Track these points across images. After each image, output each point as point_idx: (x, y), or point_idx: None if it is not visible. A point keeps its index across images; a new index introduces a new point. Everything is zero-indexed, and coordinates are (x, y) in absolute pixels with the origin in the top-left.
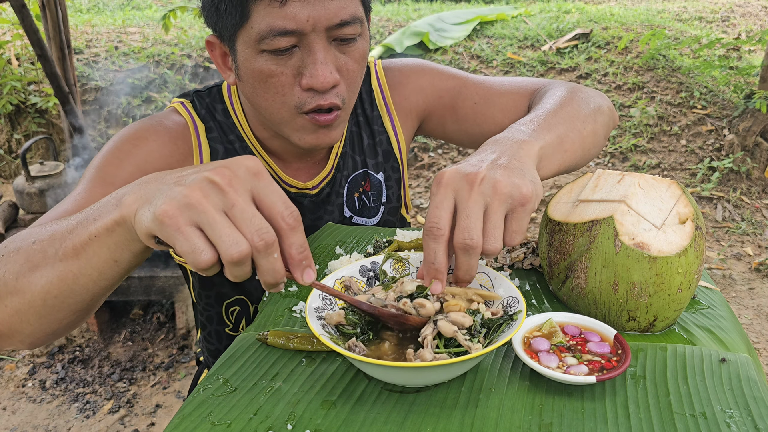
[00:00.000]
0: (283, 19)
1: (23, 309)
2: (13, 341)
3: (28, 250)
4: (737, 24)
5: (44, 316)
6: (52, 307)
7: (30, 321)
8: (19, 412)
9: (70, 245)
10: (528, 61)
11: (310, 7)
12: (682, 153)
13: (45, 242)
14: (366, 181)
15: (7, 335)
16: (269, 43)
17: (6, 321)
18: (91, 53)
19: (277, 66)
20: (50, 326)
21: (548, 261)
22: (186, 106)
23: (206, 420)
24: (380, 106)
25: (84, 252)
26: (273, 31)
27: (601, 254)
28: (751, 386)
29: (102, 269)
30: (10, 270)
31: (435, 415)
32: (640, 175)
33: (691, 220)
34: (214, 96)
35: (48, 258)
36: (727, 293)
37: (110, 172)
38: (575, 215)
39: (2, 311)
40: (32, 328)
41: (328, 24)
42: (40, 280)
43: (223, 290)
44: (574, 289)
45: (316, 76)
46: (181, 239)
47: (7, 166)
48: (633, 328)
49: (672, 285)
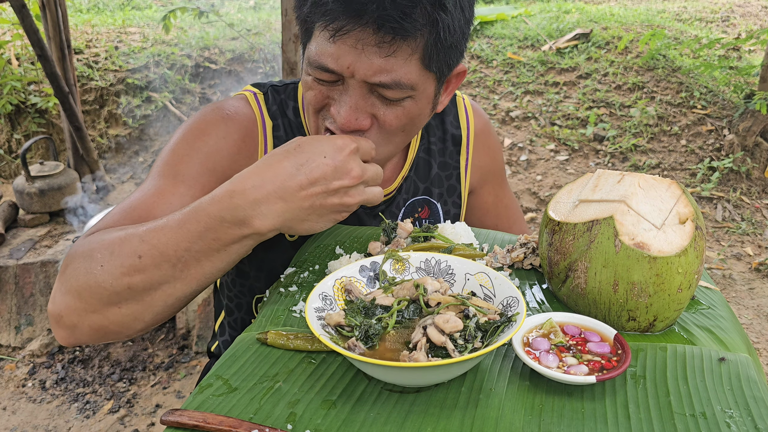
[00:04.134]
0: (328, 56)
1: (141, 311)
2: (118, 336)
3: (146, 261)
4: (737, 24)
5: (160, 314)
6: (171, 306)
7: (145, 320)
8: (19, 412)
9: (192, 258)
10: (528, 61)
11: (354, 56)
12: (682, 153)
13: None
14: (424, 208)
15: (115, 332)
16: (314, 70)
17: (119, 321)
18: (91, 53)
19: (318, 86)
20: (160, 320)
21: (548, 261)
22: (258, 99)
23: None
24: (462, 144)
25: (208, 259)
26: (317, 64)
27: (601, 254)
28: (751, 386)
29: (223, 269)
30: (134, 279)
31: (435, 415)
32: (640, 175)
33: (691, 220)
34: (289, 93)
35: (166, 270)
36: (727, 293)
37: (180, 170)
38: (575, 215)
39: (117, 314)
40: (143, 325)
41: (365, 79)
42: (167, 289)
43: (257, 284)
44: (574, 289)
45: (340, 116)
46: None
47: (7, 166)
48: (633, 328)
49: (672, 285)
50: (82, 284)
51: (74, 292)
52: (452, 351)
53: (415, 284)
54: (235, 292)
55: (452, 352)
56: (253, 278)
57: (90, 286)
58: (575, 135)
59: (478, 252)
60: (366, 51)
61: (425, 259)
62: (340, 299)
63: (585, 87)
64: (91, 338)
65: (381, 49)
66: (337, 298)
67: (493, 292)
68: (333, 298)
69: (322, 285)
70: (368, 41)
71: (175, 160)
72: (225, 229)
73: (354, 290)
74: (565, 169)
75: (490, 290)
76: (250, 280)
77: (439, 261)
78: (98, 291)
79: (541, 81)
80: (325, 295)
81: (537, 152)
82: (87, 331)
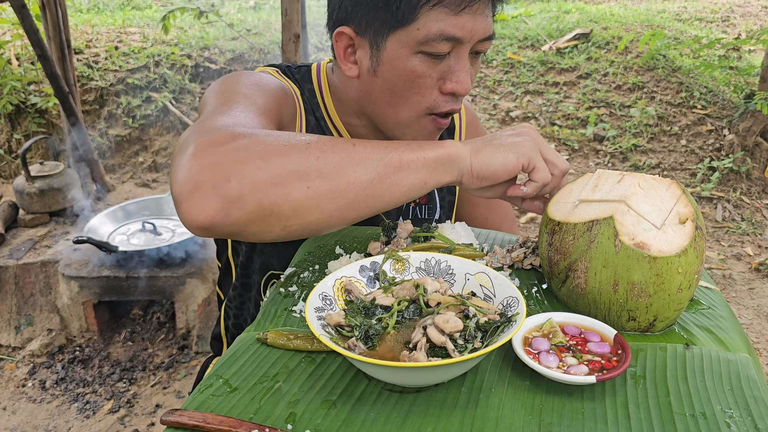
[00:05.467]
0: (453, 27)
1: (326, 195)
2: (277, 226)
3: (347, 148)
4: (737, 24)
5: (341, 208)
6: (355, 202)
7: (323, 209)
8: (19, 412)
9: (396, 158)
10: (528, 61)
11: (474, 21)
12: (682, 153)
13: (366, 146)
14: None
15: (284, 216)
16: (433, 45)
17: (299, 201)
18: (91, 53)
19: (428, 68)
20: (334, 220)
21: (548, 261)
22: (280, 73)
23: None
24: (456, 134)
25: (408, 167)
26: (442, 36)
27: (601, 254)
28: (751, 386)
29: (412, 185)
30: (329, 159)
31: (435, 415)
32: (640, 175)
33: (691, 220)
34: (303, 75)
35: (371, 161)
36: (727, 293)
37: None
38: (575, 215)
39: (301, 192)
40: (317, 217)
41: (481, 37)
42: (362, 175)
43: (271, 260)
44: (574, 289)
45: (461, 83)
46: (538, 160)
47: (7, 166)
48: (633, 328)
49: (672, 285)
50: (275, 152)
51: (261, 161)
52: (452, 351)
53: (415, 284)
54: (248, 271)
55: (452, 352)
56: (267, 254)
57: (289, 156)
58: (575, 135)
59: (478, 252)
60: (481, 15)
61: (425, 259)
62: (340, 299)
63: (585, 87)
64: (247, 217)
65: (488, 8)
66: (337, 298)
67: (493, 292)
68: (333, 298)
69: (322, 285)
70: (483, 6)
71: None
72: (420, 146)
73: (354, 290)
74: None
75: (490, 290)
76: (264, 256)
77: (439, 261)
78: (298, 162)
79: (541, 81)
80: (325, 295)
81: None
82: (251, 206)
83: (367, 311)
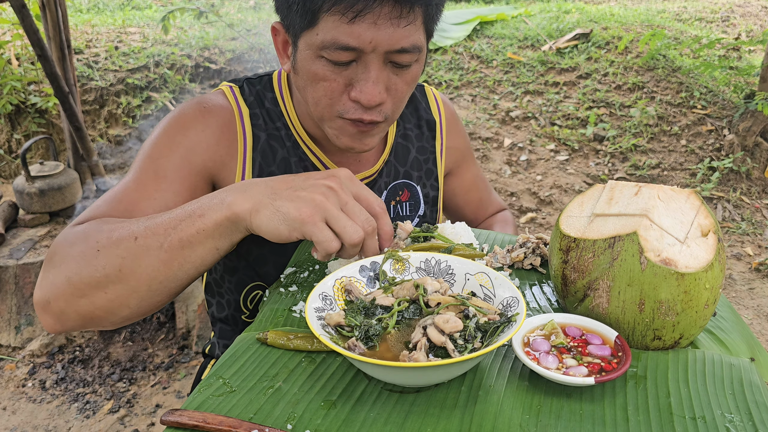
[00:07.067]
0: (348, 35)
1: (125, 295)
2: (104, 323)
3: (130, 244)
4: (737, 24)
5: (145, 299)
6: (155, 291)
7: (130, 305)
8: (19, 412)
9: (176, 238)
10: (528, 61)
11: (375, 31)
12: (682, 153)
13: (147, 236)
14: (404, 191)
15: (101, 318)
16: (329, 53)
17: (104, 307)
18: (91, 53)
19: (332, 73)
20: (147, 308)
21: (563, 279)
22: (234, 91)
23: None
24: (437, 130)
25: (190, 243)
26: (336, 45)
27: (625, 272)
28: (753, 390)
29: (204, 256)
30: (111, 262)
31: (435, 415)
32: (658, 187)
33: (713, 232)
34: (265, 84)
35: (152, 250)
36: (727, 293)
37: (161, 165)
38: (593, 231)
39: (102, 298)
40: (129, 312)
41: (388, 49)
42: (147, 269)
43: (246, 274)
44: (594, 308)
45: (365, 93)
46: (317, 232)
47: (7, 166)
48: (658, 347)
49: (699, 301)
50: (72, 269)
51: (64, 277)
52: (452, 351)
53: (415, 284)
54: (224, 289)
55: (452, 352)
56: (241, 270)
57: (81, 269)
58: (575, 135)
59: (478, 252)
60: (385, 24)
61: (425, 259)
62: (340, 299)
63: (585, 87)
64: (77, 324)
65: (401, 19)
66: (337, 298)
67: (493, 292)
68: (333, 298)
69: (322, 285)
70: (387, 15)
71: (156, 155)
72: (201, 210)
73: (354, 290)
74: (565, 169)
75: (490, 290)
76: (237, 274)
77: (439, 261)
78: (89, 274)
79: (541, 81)
80: (325, 295)
81: (537, 152)
82: (74, 317)
83: (367, 311)
